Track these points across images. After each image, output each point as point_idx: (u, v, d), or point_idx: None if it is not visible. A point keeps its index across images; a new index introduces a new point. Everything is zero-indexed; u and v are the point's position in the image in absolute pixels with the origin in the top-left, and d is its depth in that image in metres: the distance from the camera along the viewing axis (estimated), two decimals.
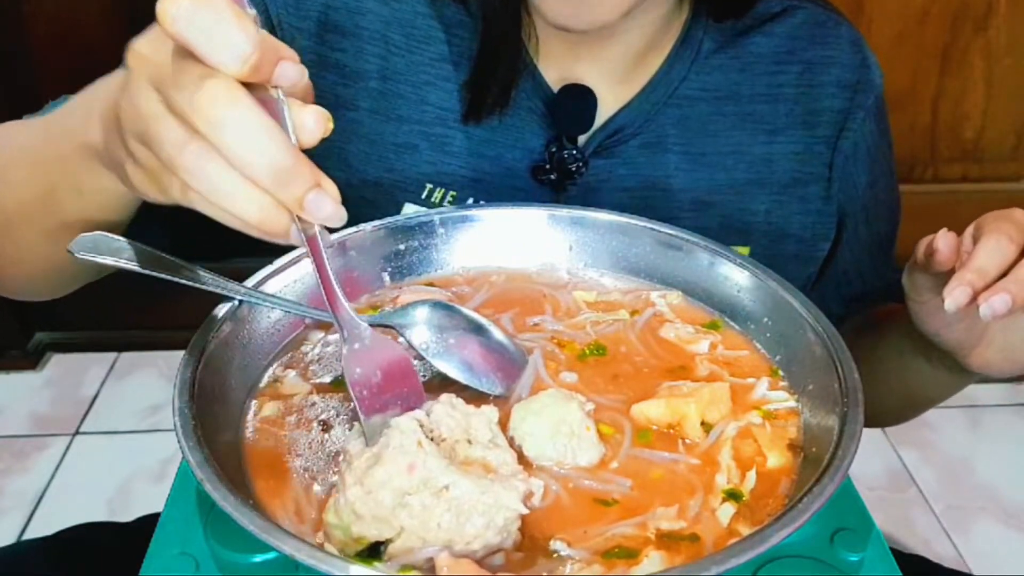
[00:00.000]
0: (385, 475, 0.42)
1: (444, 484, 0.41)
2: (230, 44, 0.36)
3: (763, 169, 0.71)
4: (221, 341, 0.51)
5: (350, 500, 0.41)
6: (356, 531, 0.41)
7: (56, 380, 1.72)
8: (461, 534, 0.41)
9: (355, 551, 0.42)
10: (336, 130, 0.68)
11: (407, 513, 0.41)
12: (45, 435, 1.60)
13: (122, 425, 1.62)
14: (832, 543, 0.44)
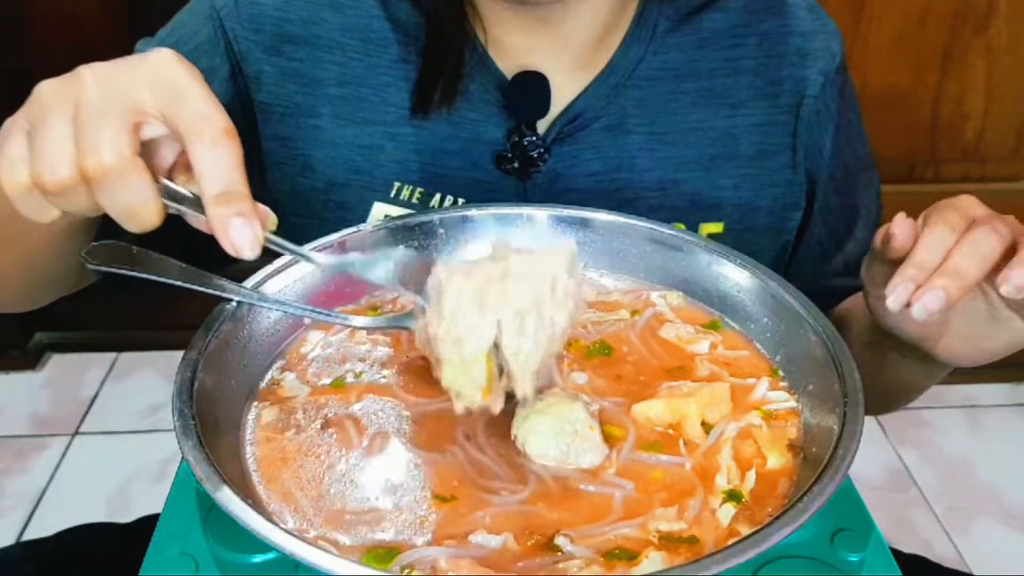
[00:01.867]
0: (453, 295, 0.45)
1: (501, 268, 0.45)
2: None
3: (728, 143, 0.71)
4: (221, 341, 0.51)
5: (442, 336, 0.45)
6: (469, 354, 0.45)
7: (56, 380, 1.73)
8: (542, 293, 0.45)
9: (482, 382, 0.46)
10: (300, 138, 0.70)
11: (491, 307, 0.45)
12: (45, 435, 1.60)
13: (122, 425, 1.62)
14: (832, 543, 0.44)
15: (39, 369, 1.74)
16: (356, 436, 0.50)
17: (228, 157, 0.42)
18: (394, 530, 0.44)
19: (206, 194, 0.42)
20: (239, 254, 0.42)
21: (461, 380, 0.46)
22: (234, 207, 0.42)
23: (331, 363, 0.56)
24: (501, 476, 0.47)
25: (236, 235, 0.42)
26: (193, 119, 0.42)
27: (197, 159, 0.42)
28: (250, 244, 0.42)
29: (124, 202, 0.42)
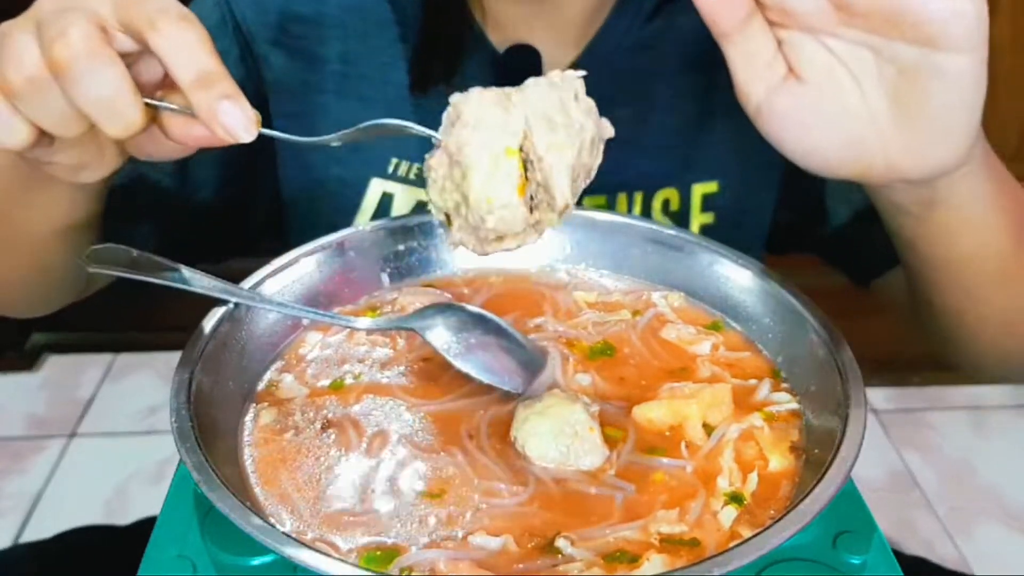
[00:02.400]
0: (474, 104, 0.43)
1: (516, 90, 0.44)
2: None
3: (716, 103, 0.70)
4: (219, 343, 0.51)
5: (468, 139, 0.43)
6: (499, 145, 0.43)
7: (53, 381, 1.72)
8: (565, 100, 0.44)
9: (516, 179, 0.43)
10: (308, 114, 0.71)
11: (516, 106, 0.43)
12: (42, 437, 1.59)
13: (119, 427, 1.61)
14: (834, 546, 0.44)
15: (36, 370, 1.74)
16: (355, 437, 0.50)
17: (193, 40, 0.40)
18: (393, 532, 0.44)
19: (182, 82, 0.40)
20: (236, 137, 0.41)
21: (492, 183, 0.42)
22: (216, 89, 0.40)
23: (330, 364, 0.55)
24: (501, 478, 0.47)
25: (226, 117, 0.40)
26: (148, 13, 0.40)
27: (162, 50, 0.40)
28: (244, 125, 0.41)
29: (99, 94, 0.40)
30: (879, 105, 0.44)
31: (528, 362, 0.54)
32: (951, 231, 0.51)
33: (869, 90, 0.44)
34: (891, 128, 0.44)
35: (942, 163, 0.45)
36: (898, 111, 0.44)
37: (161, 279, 0.50)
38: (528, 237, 0.45)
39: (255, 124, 0.41)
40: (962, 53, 0.41)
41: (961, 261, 0.53)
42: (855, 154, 0.46)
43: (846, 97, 0.44)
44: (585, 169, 0.45)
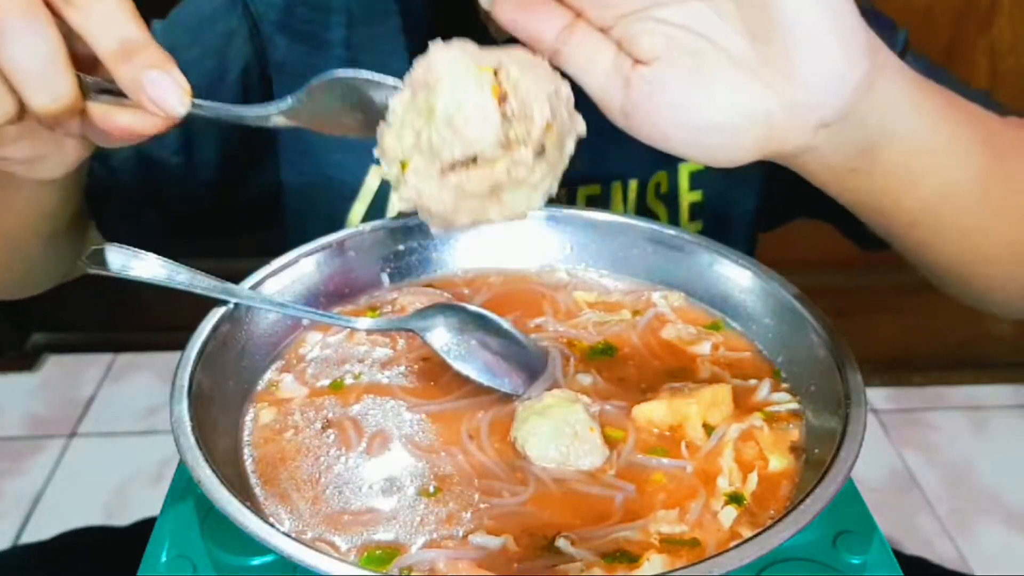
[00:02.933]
0: (440, 49, 0.39)
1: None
2: None
3: None
4: (219, 343, 0.51)
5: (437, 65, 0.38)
6: (465, 70, 0.38)
7: (52, 381, 1.72)
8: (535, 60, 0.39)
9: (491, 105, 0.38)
10: None
11: (488, 56, 0.38)
12: (41, 437, 1.59)
13: (119, 427, 1.61)
14: (835, 546, 0.44)
15: (36, 370, 1.74)
16: (355, 437, 0.50)
17: (112, 6, 0.37)
18: (393, 531, 0.44)
19: (104, 56, 0.37)
20: (167, 111, 0.38)
21: (463, 87, 0.37)
22: (140, 59, 0.37)
23: (330, 364, 0.55)
24: (501, 477, 0.47)
25: (154, 89, 0.37)
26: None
27: (79, 24, 0.37)
28: (177, 96, 0.37)
29: (29, 58, 0.36)
30: (740, 48, 0.39)
31: (528, 362, 0.54)
32: (906, 169, 0.43)
33: (721, 39, 0.39)
34: (766, 67, 0.38)
35: (837, 75, 0.38)
36: (761, 43, 0.38)
37: (161, 279, 0.50)
38: (497, 177, 0.38)
39: (187, 94, 0.38)
40: None
41: (936, 201, 0.45)
42: (747, 114, 0.39)
43: (703, 58, 0.39)
44: (565, 103, 0.39)
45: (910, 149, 0.41)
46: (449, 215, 0.39)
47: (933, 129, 0.42)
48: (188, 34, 0.68)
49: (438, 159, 0.37)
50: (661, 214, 0.73)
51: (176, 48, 0.67)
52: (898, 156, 0.41)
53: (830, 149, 0.40)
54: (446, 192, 0.38)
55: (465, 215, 0.39)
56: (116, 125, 0.39)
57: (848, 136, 0.40)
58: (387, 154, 0.40)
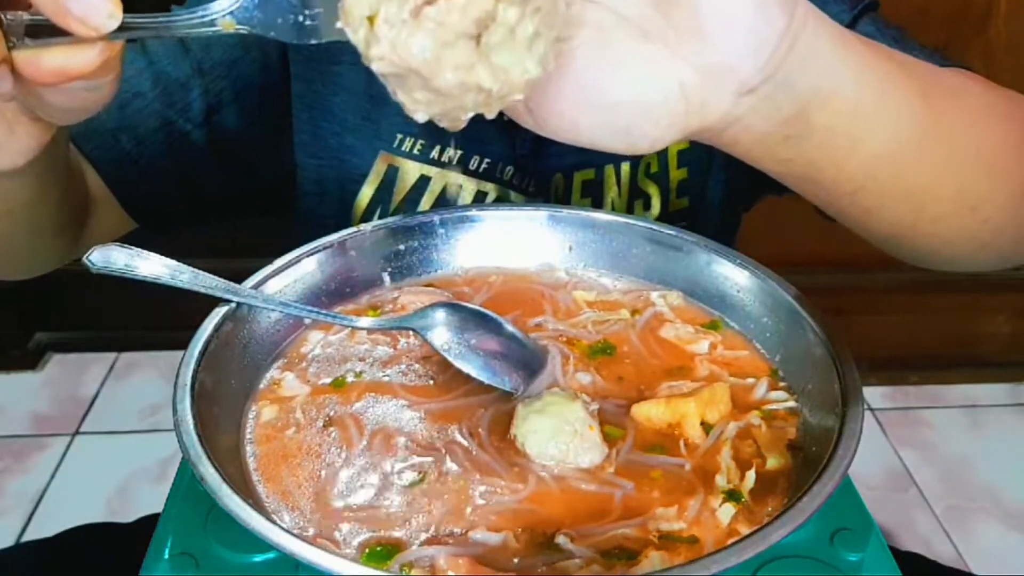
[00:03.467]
0: None
1: None
2: None
3: None
4: (221, 341, 0.51)
5: None
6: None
7: (56, 380, 1.72)
8: None
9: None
10: (323, 81, 0.71)
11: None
12: (45, 435, 1.59)
13: (122, 425, 1.62)
14: (832, 543, 0.44)
15: (39, 369, 1.74)
16: (356, 435, 0.50)
17: None
18: (393, 528, 0.44)
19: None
20: (96, 26, 0.33)
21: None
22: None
23: (331, 363, 0.56)
24: (501, 475, 0.47)
25: (78, 5, 0.32)
26: None
27: None
28: (105, 7, 0.32)
29: None
30: (643, 14, 0.35)
31: (528, 361, 0.54)
32: (844, 131, 0.39)
33: (620, 6, 0.35)
34: (673, 31, 0.34)
35: (752, 32, 0.34)
36: (665, 5, 0.34)
37: (164, 278, 0.50)
38: (479, 5, 0.32)
39: (117, 6, 0.33)
40: None
41: (878, 163, 0.41)
42: (659, 86, 0.35)
43: (603, 30, 0.35)
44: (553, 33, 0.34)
45: (844, 109, 0.38)
46: (432, 72, 0.33)
47: (865, 84, 0.38)
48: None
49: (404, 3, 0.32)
50: (653, 193, 0.73)
51: None
52: (833, 117, 0.38)
53: (759, 117, 0.36)
54: (423, 36, 0.32)
55: (450, 73, 0.33)
56: (47, 68, 0.34)
57: (777, 101, 0.36)
58: (351, 15, 0.34)
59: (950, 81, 0.46)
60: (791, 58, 0.35)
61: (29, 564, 0.74)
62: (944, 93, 0.44)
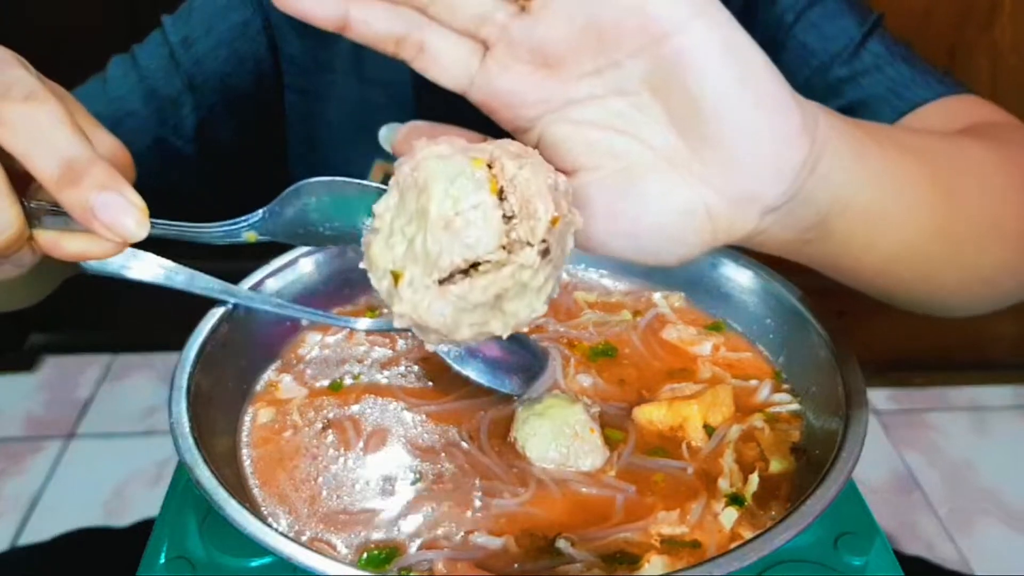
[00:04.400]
0: (425, 150, 0.34)
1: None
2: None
3: None
4: (218, 343, 0.50)
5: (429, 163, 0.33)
6: (463, 164, 0.34)
7: (51, 382, 1.72)
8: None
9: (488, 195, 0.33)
10: (317, 91, 0.71)
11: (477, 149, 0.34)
12: (40, 438, 1.59)
13: (118, 428, 1.61)
14: (836, 547, 0.44)
15: (34, 371, 1.73)
16: (354, 438, 0.49)
17: (46, 123, 0.32)
18: (392, 532, 0.44)
19: (44, 179, 0.32)
20: (125, 236, 0.33)
21: (458, 186, 0.33)
22: (87, 180, 0.32)
23: (329, 364, 0.55)
24: (501, 478, 0.47)
25: (107, 213, 0.32)
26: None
27: (11, 145, 0.32)
28: (134, 218, 0.32)
29: None
30: (669, 144, 0.36)
31: (528, 363, 0.54)
32: (863, 233, 0.40)
33: (647, 136, 0.36)
34: (698, 161, 0.35)
35: (776, 160, 0.35)
36: (690, 136, 0.35)
37: (160, 279, 0.50)
38: (502, 283, 0.33)
39: (144, 214, 0.33)
40: (689, 22, 0.33)
41: (896, 255, 0.43)
42: (685, 212, 0.36)
43: (630, 159, 0.36)
44: (559, 193, 0.35)
45: (862, 214, 0.39)
46: (449, 331, 0.35)
47: (883, 189, 0.40)
48: (201, 25, 0.68)
49: (435, 268, 0.33)
50: None
51: (189, 40, 0.68)
52: (851, 223, 0.39)
53: (779, 228, 0.37)
54: (446, 305, 0.34)
55: (466, 329, 0.35)
56: (66, 254, 0.35)
57: (797, 215, 0.37)
58: (375, 264, 0.35)
59: (963, 155, 0.47)
60: (813, 177, 0.36)
61: (25, 568, 0.74)
62: (958, 173, 0.45)
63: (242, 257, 0.57)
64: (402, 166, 0.35)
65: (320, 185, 0.38)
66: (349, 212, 0.38)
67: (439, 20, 0.36)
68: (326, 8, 0.35)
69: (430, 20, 0.36)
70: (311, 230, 0.39)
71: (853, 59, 0.63)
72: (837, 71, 0.64)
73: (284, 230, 0.39)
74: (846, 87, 0.63)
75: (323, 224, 0.39)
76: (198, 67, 0.67)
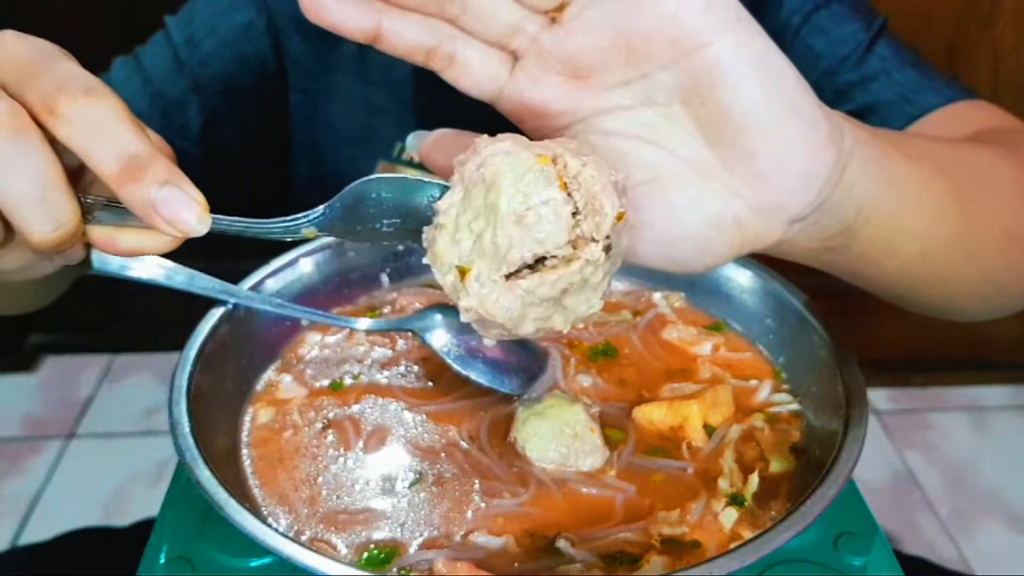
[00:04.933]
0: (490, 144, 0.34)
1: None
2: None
3: None
4: (217, 343, 0.50)
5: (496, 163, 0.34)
6: (528, 161, 0.34)
7: (51, 382, 1.72)
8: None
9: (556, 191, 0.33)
10: (321, 92, 0.71)
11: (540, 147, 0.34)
12: (40, 438, 1.59)
13: (118, 428, 1.61)
14: (836, 547, 0.44)
15: (34, 371, 1.73)
16: (354, 437, 0.49)
17: (105, 117, 0.32)
18: (391, 531, 0.43)
19: (105, 175, 0.32)
20: (187, 232, 0.33)
21: (527, 182, 0.33)
22: (148, 175, 0.32)
23: (329, 364, 0.55)
24: (502, 478, 0.46)
25: (168, 208, 0.32)
26: (43, 94, 0.32)
27: (69, 140, 0.32)
28: (195, 213, 0.33)
29: (21, 179, 0.32)
30: (698, 154, 0.36)
31: (528, 363, 0.54)
32: (885, 240, 0.41)
33: (676, 146, 0.36)
34: (728, 171, 0.35)
35: (804, 171, 0.35)
36: (720, 147, 0.35)
37: (159, 279, 0.50)
38: (571, 278, 0.33)
39: (205, 209, 0.33)
40: (721, 35, 0.33)
41: (915, 261, 0.43)
42: (714, 222, 0.36)
43: (659, 170, 0.36)
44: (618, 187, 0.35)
45: (885, 223, 0.40)
46: (515, 325, 0.35)
47: (905, 198, 0.40)
48: (205, 26, 0.68)
49: (504, 263, 0.33)
50: None
51: (193, 41, 0.68)
52: (874, 231, 0.39)
53: (804, 237, 0.38)
54: (514, 299, 0.34)
55: (530, 324, 0.35)
56: (121, 249, 0.36)
57: (822, 224, 0.37)
58: (440, 260, 0.35)
59: (977, 163, 0.48)
60: (839, 187, 0.36)
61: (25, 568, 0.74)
62: (973, 181, 0.46)
63: (242, 257, 0.57)
64: (466, 163, 0.35)
65: (381, 182, 0.38)
66: (408, 208, 0.38)
67: (469, 31, 0.36)
68: (359, 20, 0.35)
69: (460, 31, 0.36)
70: (369, 227, 0.39)
71: (861, 63, 0.63)
72: (845, 75, 0.64)
73: (343, 227, 0.39)
74: (855, 92, 0.63)
75: (382, 220, 0.39)
76: (203, 68, 0.67)
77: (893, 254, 0.41)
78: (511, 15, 0.35)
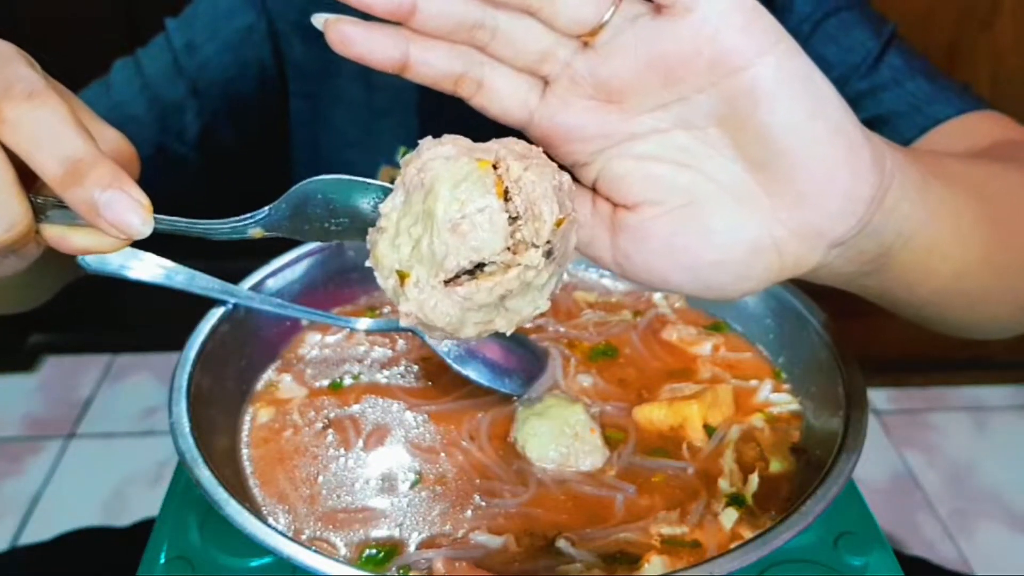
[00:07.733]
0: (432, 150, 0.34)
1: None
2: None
3: None
4: (217, 343, 0.50)
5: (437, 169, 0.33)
6: (464, 170, 0.34)
7: (51, 382, 1.72)
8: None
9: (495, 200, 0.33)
10: (323, 96, 0.71)
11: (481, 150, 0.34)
12: (40, 438, 1.59)
13: (118, 428, 1.61)
14: (836, 547, 0.44)
15: (34, 371, 1.73)
16: (354, 437, 0.49)
17: (49, 120, 0.32)
18: (391, 531, 0.43)
19: (48, 177, 0.32)
20: (130, 233, 0.33)
21: (465, 188, 0.33)
22: (91, 178, 0.32)
23: (329, 364, 0.55)
24: (502, 478, 0.46)
25: (111, 211, 0.32)
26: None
27: (13, 143, 0.32)
28: (138, 215, 0.33)
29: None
30: (736, 178, 0.35)
31: (528, 363, 0.54)
32: (921, 264, 0.40)
33: (712, 169, 0.35)
34: (768, 195, 0.34)
35: (847, 195, 0.34)
36: (760, 171, 0.34)
37: (159, 279, 0.50)
38: (508, 284, 0.33)
39: (148, 211, 0.33)
40: (761, 56, 0.32)
41: (948, 284, 0.43)
42: (752, 247, 0.35)
43: (694, 194, 0.35)
44: (565, 193, 0.35)
45: (922, 247, 0.39)
46: (455, 329, 0.35)
47: (942, 221, 0.40)
48: (205, 30, 0.67)
49: (441, 270, 0.33)
50: None
51: (193, 45, 0.67)
52: (911, 255, 0.39)
53: (843, 261, 0.37)
54: (452, 305, 0.34)
55: (471, 328, 0.35)
56: (73, 248, 0.36)
57: (862, 248, 0.36)
58: (381, 264, 0.36)
59: (1005, 183, 0.47)
60: (880, 211, 0.35)
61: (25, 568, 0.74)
62: (1002, 201, 0.45)
63: (242, 257, 0.57)
64: (408, 166, 0.35)
65: (326, 183, 0.38)
66: (355, 210, 0.38)
67: (500, 58, 0.35)
68: (387, 50, 0.35)
69: (489, 57, 0.35)
70: (317, 226, 0.39)
71: (872, 72, 0.63)
72: (856, 85, 0.63)
73: (290, 226, 0.39)
74: (866, 101, 0.63)
75: (330, 220, 0.39)
76: (202, 72, 0.67)
77: (928, 277, 0.41)
78: (543, 41, 0.35)
